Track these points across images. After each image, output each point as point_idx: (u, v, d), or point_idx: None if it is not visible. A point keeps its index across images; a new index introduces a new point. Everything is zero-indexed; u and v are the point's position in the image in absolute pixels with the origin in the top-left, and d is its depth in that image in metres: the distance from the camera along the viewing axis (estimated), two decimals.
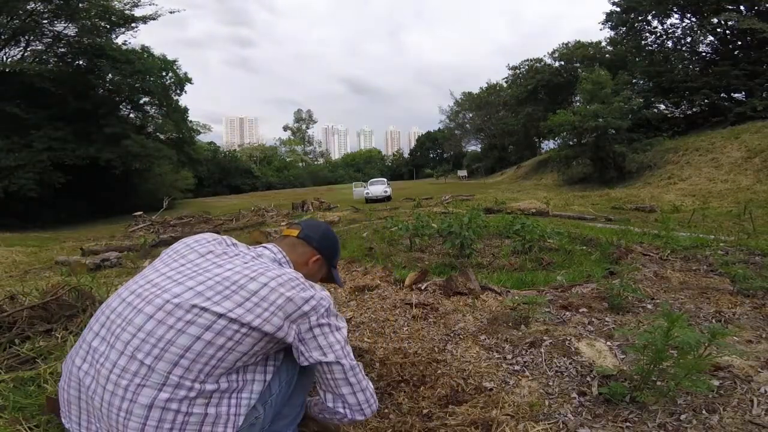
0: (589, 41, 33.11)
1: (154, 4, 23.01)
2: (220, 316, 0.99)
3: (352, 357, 1.16)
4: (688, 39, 23.85)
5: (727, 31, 22.22)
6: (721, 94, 21.82)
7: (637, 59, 25.44)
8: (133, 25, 23.03)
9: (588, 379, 1.74)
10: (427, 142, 73.37)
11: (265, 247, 1.28)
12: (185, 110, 29.85)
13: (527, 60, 37.29)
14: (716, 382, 1.62)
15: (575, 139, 21.83)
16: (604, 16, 26.31)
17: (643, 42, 25.79)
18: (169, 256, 1.19)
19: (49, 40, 21.77)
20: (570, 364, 1.86)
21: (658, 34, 25.21)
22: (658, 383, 1.55)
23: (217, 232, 1.91)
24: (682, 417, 1.44)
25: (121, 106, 25.97)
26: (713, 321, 2.32)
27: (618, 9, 25.28)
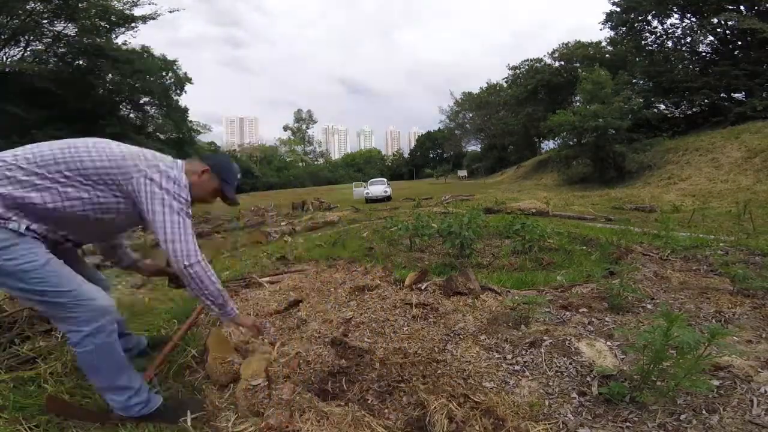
0: (589, 41, 33.16)
1: (153, 3, 23.04)
2: None
3: None
4: (688, 39, 23.83)
5: (727, 31, 22.20)
6: (721, 94, 21.80)
7: (637, 59, 25.42)
8: (132, 24, 23.03)
9: (588, 379, 1.74)
10: (427, 142, 73.40)
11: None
12: (185, 110, 29.87)
13: (527, 60, 37.34)
14: (716, 382, 1.62)
15: (575, 139, 21.82)
16: (602, 15, 26.37)
17: (643, 42, 25.78)
18: None
19: (49, 40, 21.77)
20: (570, 364, 1.86)
21: (658, 34, 25.21)
22: (658, 383, 1.55)
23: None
24: (682, 417, 1.44)
25: (121, 106, 25.98)
26: (713, 321, 2.32)
27: (618, 9, 25.29)
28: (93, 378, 1.50)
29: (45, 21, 20.72)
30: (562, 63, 34.75)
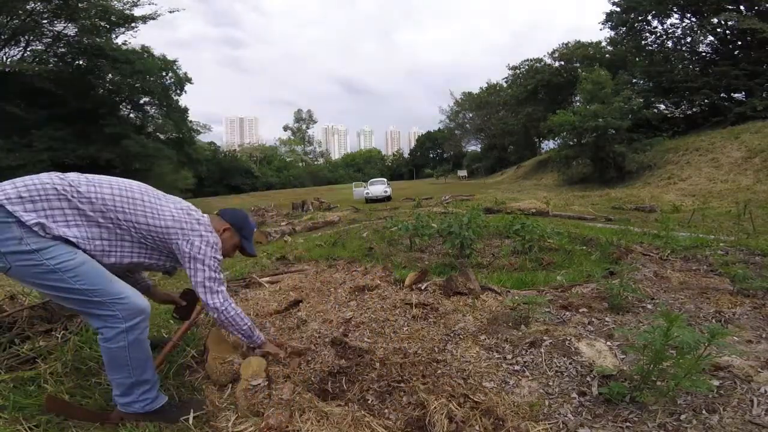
0: (589, 41, 33.16)
1: (153, 3, 23.05)
2: None
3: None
4: (688, 39, 23.84)
5: (727, 31, 22.20)
6: (721, 94, 21.80)
7: (637, 59, 25.43)
8: (133, 25, 23.03)
9: (588, 379, 1.74)
10: (427, 142, 73.40)
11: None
12: (185, 110, 29.85)
13: (527, 60, 37.32)
14: (716, 382, 1.62)
15: (575, 139, 21.82)
16: (601, 15, 26.36)
17: (643, 42, 25.78)
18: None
19: (49, 40, 21.78)
20: (570, 364, 1.86)
21: (658, 34, 25.22)
22: (658, 383, 1.55)
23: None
24: (682, 417, 1.44)
25: (121, 106, 25.97)
26: (713, 321, 2.32)
27: (618, 9, 25.29)
28: (117, 373, 1.53)
29: (45, 21, 20.73)
30: (562, 63, 34.73)
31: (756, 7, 20.18)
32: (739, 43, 22.16)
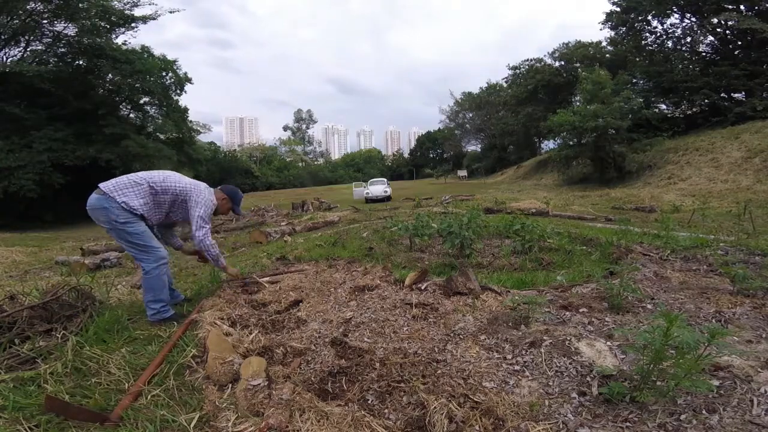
0: (589, 41, 33.15)
1: (153, 3, 23.01)
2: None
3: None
4: (688, 39, 23.82)
5: (727, 31, 22.19)
6: (721, 94, 21.77)
7: (637, 59, 25.41)
8: (132, 25, 22.98)
9: (588, 379, 1.74)
10: (427, 142, 73.39)
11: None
12: (185, 110, 29.80)
13: (527, 60, 37.33)
14: (716, 382, 1.62)
15: (575, 139, 21.81)
16: (601, 16, 26.33)
17: (643, 42, 25.75)
18: None
19: (49, 40, 21.72)
20: (570, 364, 1.86)
21: (658, 34, 25.20)
22: (658, 383, 1.55)
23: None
24: (682, 417, 1.44)
25: (121, 106, 25.88)
26: (713, 321, 2.32)
27: (618, 9, 25.28)
28: (148, 293, 2.67)
29: (45, 21, 20.68)
30: (562, 63, 34.73)
31: (756, 7, 20.17)
32: (739, 43, 22.14)
